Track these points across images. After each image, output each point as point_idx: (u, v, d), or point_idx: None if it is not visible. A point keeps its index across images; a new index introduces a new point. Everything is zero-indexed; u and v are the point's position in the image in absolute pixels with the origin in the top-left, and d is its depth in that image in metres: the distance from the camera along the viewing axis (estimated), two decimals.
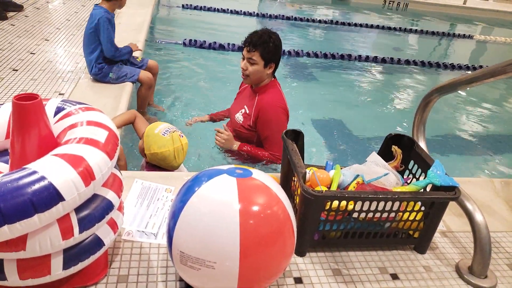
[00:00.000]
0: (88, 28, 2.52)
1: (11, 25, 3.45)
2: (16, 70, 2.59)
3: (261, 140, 2.19)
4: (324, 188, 1.28)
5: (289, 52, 4.95)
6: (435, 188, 1.32)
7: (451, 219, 1.58)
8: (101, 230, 0.98)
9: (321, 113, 3.60)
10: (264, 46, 2.03)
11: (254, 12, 6.81)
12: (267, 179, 1.06)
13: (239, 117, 2.22)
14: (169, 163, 1.81)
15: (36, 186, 0.77)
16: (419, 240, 1.36)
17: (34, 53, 2.92)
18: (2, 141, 1.01)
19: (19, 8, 3.81)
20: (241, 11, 6.59)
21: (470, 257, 1.33)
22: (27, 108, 0.86)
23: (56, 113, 1.05)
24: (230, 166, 1.09)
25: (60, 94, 2.38)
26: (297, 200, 1.31)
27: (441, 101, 1.76)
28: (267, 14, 6.79)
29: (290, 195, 1.38)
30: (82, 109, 1.06)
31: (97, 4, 2.58)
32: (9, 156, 0.96)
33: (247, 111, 2.19)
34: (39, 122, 0.90)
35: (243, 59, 2.09)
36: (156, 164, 1.84)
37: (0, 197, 0.74)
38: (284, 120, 2.16)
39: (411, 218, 1.29)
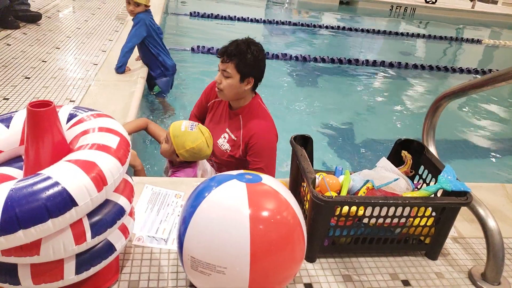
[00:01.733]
0: None
1: (24, 34, 3.51)
2: (29, 78, 2.63)
3: (253, 169, 1.87)
4: (333, 194, 1.28)
5: (296, 57, 4.97)
6: (446, 193, 1.31)
7: (463, 224, 1.57)
8: (113, 235, 0.99)
9: (330, 118, 3.60)
10: (241, 57, 1.76)
11: (261, 18, 6.85)
12: (277, 184, 1.07)
13: (224, 144, 1.95)
14: (204, 153, 1.83)
15: (50, 191, 0.78)
16: (431, 246, 1.35)
17: (45, 61, 2.97)
18: (17, 147, 1.02)
19: (37, 18, 3.88)
20: (248, 18, 6.63)
21: (482, 263, 1.32)
22: (41, 115, 0.88)
23: (68, 120, 1.06)
24: (239, 171, 1.10)
25: (71, 101, 2.41)
26: (307, 206, 1.30)
27: (451, 105, 1.75)
28: (273, 20, 6.83)
29: (300, 201, 1.38)
30: (93, 116, 1.07)
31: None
32: (23, 162, 0.98)
33: (233, 138, 1.92)
34: (53, 128, 0.91)
35: (219, 70, 1.83)
36: (190, 160, 1.86)
37: (16, 202, 0.75)
38: (275, 147, 1.94)
39: (422, 223, 1.28)
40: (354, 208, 1.21)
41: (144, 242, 1.27)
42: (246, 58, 1.77)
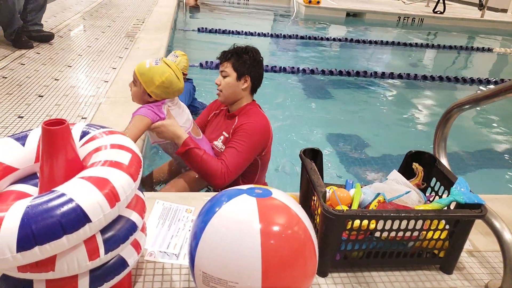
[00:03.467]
0: None
1: (37, 53, 3.59)
2: (42, 96, 2.68)
3: (226, 147, 1.89)
4: (344, 207, 1.27)
5: (304, 70, 4.99)
6: (460, 206, 1.30)
7: (478, 237, 1.54)
8: (125, 251, 1.00)
9: (339, 130, 3.59)
10: (237, 57, 1.88)
11: (268, 32, 6.91)
12: (287, 198, 1.07)
13: (218, 144, 1.98)
14: (175, 86, 1.79)
15: (65, 208, 0.80)
16: (445, 259, 1.33)
17: (58, 79, 3.03)
18: (32, 165, 1.04)
19: (50, 37, 3.98)
20: (255, 32, 6.70)
21: (499, 277, 1.29)
22: (55, 133, 0.90)
23: (81, 137, 1.08)
24: (249, 186, 1.10)
25: (82, 118, 2.45)
26: (318, 220, 1.30)
27: (463, 116, 1.74)
28: (281, 34, 6.89)
29: (310, 215, 1.37)
30: (105, 133, 1.09)
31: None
32: (38, 179, 0.99)
33: (227, 136, 1.95)
34: (67, 146, 0.93)
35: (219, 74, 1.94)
36: (164, 97, 1.82)
37: (32, 219, 0.77)
38: (258, 142, 1.89)
39: (435, 237, 1.27)
40: (365, 222, 1.20)
41: (156, 257, 1.28)
42: (243, 58, 1.89)
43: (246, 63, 1.89)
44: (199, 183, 2.01)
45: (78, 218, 0.81)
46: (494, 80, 5.38)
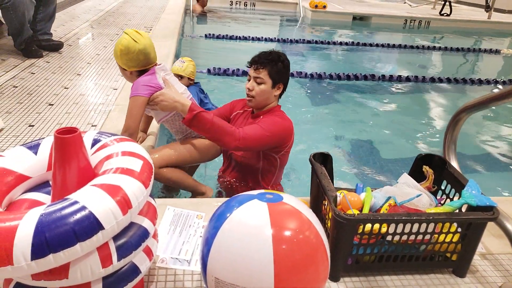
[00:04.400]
0: None
1: (47, 62, 3.64)
2: (52, 105, 2.72)
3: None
4: (356, 212, 1.27)
5: (312, 75, 4.99)
6: (471, 208, 1.29)
7: (491, 240, 1.52)
8: (138, 257, 1.01)
9: (348, 135, 3.58)
10: (273, 64, 1.88)
11: (275, 37, 6.93)
12: (298, 203, 1.07)
13: None
14: (135, 49, 1.78)
15: (78, 215, 0.81)
16: (458, 263, 1.32)
17: (67, 88, 3.07)
18: (44, 173, 1.06)
19: (59, 46, 4.03)
20: (262, 37, 6.72)
21: None
22: (67, 141, 0.91)
23: (93, 145, 1.10)
24: (260, 191, 1.10)
25: (92, 125, 2.47)
26: (329, 224, 1.29)
27: (472, 117, 1.73)
28: (287, 39, 6.90)
29: (321, 219, 1.37)
30: (117, 140, 1.10)
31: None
32: (50, 187, 1.01)
33: None
34: (79, 154, 0.94)
35: (249, 80, 1.93)
36: (141, 66, 1.82)
37: (45, 227, 0.77)
38: (279, 133, 1.89)
39: (447, 240, 1.26)
40: (377, 226, 1.20)
41: (168, 263, 1.28)
42: (277, 65, 1.90)
43: (281, 70, 1.91)
44: (200, 153, 2.01)
45: (91, 225, 0.82)
46: (502, 81, 5.33)
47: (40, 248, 0.77)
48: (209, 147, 2.04)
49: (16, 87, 2.96)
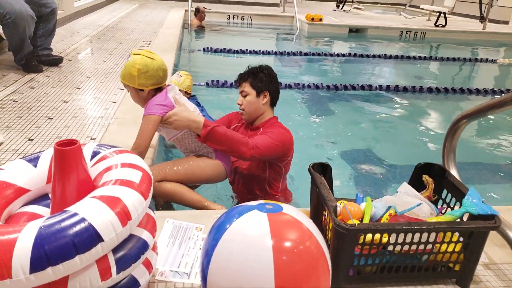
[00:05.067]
0: None
1: (46, 76, 3.66)
2: (51, 119, 2.72)
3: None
4: (356, 222, 1.26)
5: (309, 86, 5.01)
6: (473, 217, 1.28)
7: (493, 250, 1.51)
8: (137, 270, 1.00)
9: (347, 145, 3.58)
10: (253, 76, 1.99)
11: (272, 50, 6.98)
12: (298, 213, 1.06)
13: None
14: (153, 66, 1.80)
15: (77, 227, 0.80)
16: (461, 273, 1.31)
17: (67, 102, 3.08)
18: (44, 186, 1.05)
19: (59, 61, 4.06)
20: (259, 50, 6.77)
21: None
22: (67, 154, 0.91)
23: (92, 157, 1.10)
24: (260, 202, 1.10)
25: (91, 139, 2.47)
26: (329, 235, 1.29)
27: (471, 125, 1.73)
28: (284, 51, 6.95)
29: (321, 230, 1.36)
30: (116, 152, 1.10)
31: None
32: (49, 200, 1.00)
33: None
34: (78, 166, 0.94)
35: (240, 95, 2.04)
36: (155, 85, 1.82)
37: (45, 239, 0.77)
38: (283, 144, 1.92)
39: (449, 249, 1.25)
40: (377, 236, 1.19)
41: (167, 276, 1.27)
42: (259, 76, 2.00)
43: (263, 80, 2.00)
44: (205, 170, 1.95)
45: (91, 237, 0.81)
46: (499, 90, 5.36)
47: (39, 261, 0.76)
48: (215, 167, 1.96)
49: (16, 101, 2.97)
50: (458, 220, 1.29)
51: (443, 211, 1.42)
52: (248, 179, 2.08)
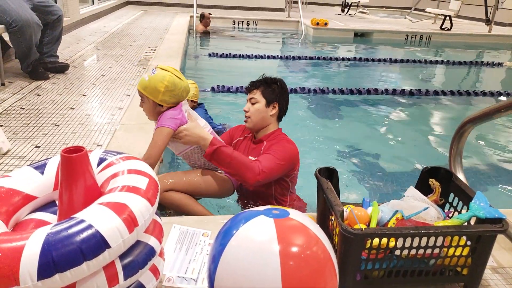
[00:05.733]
0: None
1: (53, 83, 3.69)
2: (58, 125, 2.74)
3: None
4: (363, 226, 1.26)
5: (315, 90, 5.01)
6: (480, 221, 1.27)
7: (501, 253, 1.50)
8: (144, 276, 1.00)
9: (353, 149, 3.57)
10: (266, 85, 1.96)
11: (277, 55, 7.00)
12: (305, 218, 1.06)
13: None
14: (180, 86, 1.79)
15: (84, 234, 0.81)
16: (469, 277, 1.29)
17: (73, 108, 3.10)
18: (51, 193, 1.06)
19: (65, 68, 4.09)
20: (265, 55, 6.79)
21: None
22: (74, 160, 0.92)
23: (99, 164, 1.10)
24: (266, 207, 1.10)
25: (98, 145, 2.49)
26: (336, 240, 1.28)
27: (477, 129, 1.72)
28: (290, 56, 6.96)
29: (328, 235, 1.36)
30: (122, 159, 1.11)
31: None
32: (56, 207, 1.01)
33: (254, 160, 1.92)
34: (85, 173, 0.95)
35: (247, 102, 2.00)
36: (174, 102, 1.81)
37: (52, 246, 0.77)
38: (290, 158, 1.88)
39: (457, 253, 1.24)
40: (385, 240, 1.18)
41: (174, 282, 1.27)
42: (271, 86, 1.97)
43: (275, 91, 1.97)
44: (215, 185, 1.94)
45: (98, 244, 0.82)
46: (506, 92, 5.33)
47: (46, 268, 0.77)
48: (223, 183, 1.96)
49: (23, 108, 3.00)
50: (466, 224, 1.28)
51: (450, 215, 1.41)
52: (254, 196, 2.05)
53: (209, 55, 6.73)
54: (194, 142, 1.82)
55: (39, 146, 2.41)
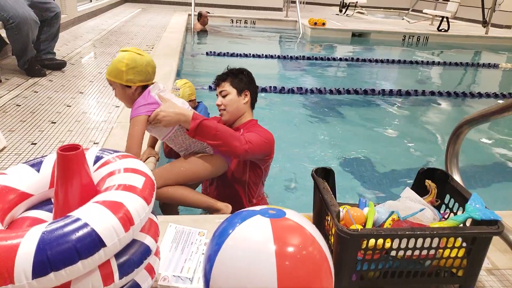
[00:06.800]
0: None
1: (50, 81, 3.68)
2: (54, 123, 2.73)
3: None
4: (359, 227, 1.26)
5: (312, 91, 5.02)
6: (476, 222, 1.28)
7: (497, 255, 1.51)
8: (140, 275, 0.99)
9: (350, 149, 3.58)
10: (233, 76, 2.00)
11: (275, 54, 7.00)
12: (301, 219, 1.06)
13: None
14: (142, 62, 1.76)
15: (80, 233, 0.80)
16: (464, 278, 1.30)
17: (70, 106, 3.09)
18: (47, 190, 1.06)
19: (62, 65, 4.07)
20: (262, 54, 6.79)
21: None
22: (70, 158, 0.91)
23: (95, 162, 1.10)
24: (262, 207, 1.10)
25: (94, 143, 2.48)
26: (332, 240, 1.28)
27: (474, 130, 1.73)
28: (287, 55, 6.97)
29: (324, 235, 1.36)
30: (119, 157, 1.11)
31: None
32: (52, 205, 1.00)
33: None
34: (81, 171, 0.94)
35: (217, 97, 2.02)
36: (143, 81, 1.78)
37: (47, 244, 0.77)
38: (267, 142, 1.89)
39: (452, 255, 1.24)
40: (380, 241, 1.18)
41: (170, 281, 1.27)
42: (239, 76, 2.02)
43: (243, 80, 2.02)
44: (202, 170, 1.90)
45: (93, 242, 0.81)
46: (502, 94, 5.35)
47: (41, 266, 0.76)
48: (213, 160, 1.91)
49: (19, 105, 2.98)
50: (461, 225, 1.29)
51: (446, 216, 1.42)
52: (227, 181, 2.02)
53: (207, 53, 6.72)
54: (175, 121, 1.75)
55: (35, 143, 2.40)
